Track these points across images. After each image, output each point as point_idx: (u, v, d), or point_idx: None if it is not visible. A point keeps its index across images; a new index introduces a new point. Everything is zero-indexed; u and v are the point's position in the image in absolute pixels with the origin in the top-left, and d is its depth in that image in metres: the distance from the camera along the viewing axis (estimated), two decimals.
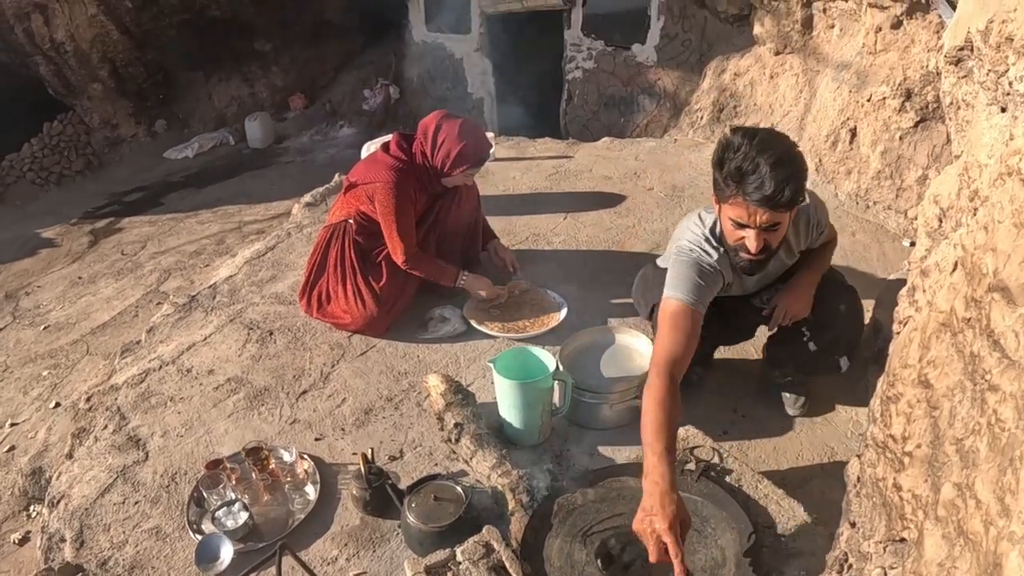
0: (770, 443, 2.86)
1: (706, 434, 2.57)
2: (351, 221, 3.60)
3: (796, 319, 2.70)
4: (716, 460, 2.36)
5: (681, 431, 2.53)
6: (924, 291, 1.53)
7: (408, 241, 3.49)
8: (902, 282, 2.04)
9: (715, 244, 2.51)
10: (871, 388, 2.30)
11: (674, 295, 2.38)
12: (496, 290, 3.67)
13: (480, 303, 3.68)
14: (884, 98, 4.36)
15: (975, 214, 1.44)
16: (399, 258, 3.51)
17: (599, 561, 2.07)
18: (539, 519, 2.23)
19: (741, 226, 2.29)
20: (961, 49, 2.25)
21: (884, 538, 1.43)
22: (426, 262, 3.58)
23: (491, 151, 3.73)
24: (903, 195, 4.32)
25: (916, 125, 4.24)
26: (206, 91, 12.18)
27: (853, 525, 1.60)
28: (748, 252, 2.33)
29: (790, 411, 2.97)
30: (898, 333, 1.68)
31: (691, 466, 2.32)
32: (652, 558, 1.85)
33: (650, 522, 1.86)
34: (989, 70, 2.00)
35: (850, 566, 1.59)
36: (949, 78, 2.36)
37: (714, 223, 2.51)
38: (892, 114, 4.33)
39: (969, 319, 1.28)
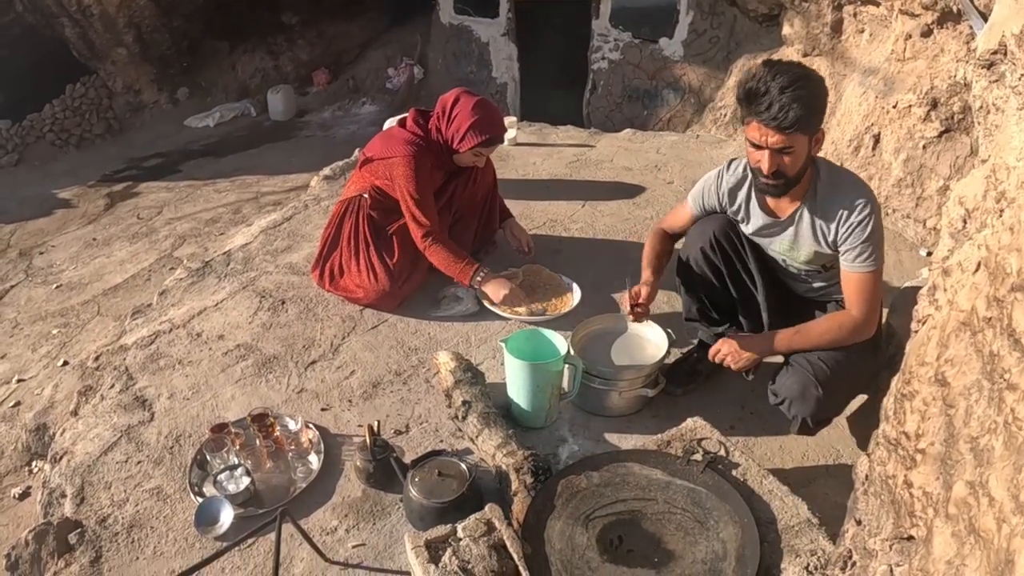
0: (776, 441, 2.85)
1: (713, 427, 2.56)
2: (366, 195, 3.59)
3: (725, 364, 2.69)
4: (722, 453, 2.35)
5: (689, 422, 2.53)
6: (945, 290, 1.52)
7: (430, 216, 3.44)
8: (916, 290, 2.03)
9: (742, 169, 2.73)
10: (881, 394, 2.29)
11: (688, 199, 2.96)
12: (513, 294, 3.47)
13: None
14: (910, 106, 4.31)
15: (1001, 215, 1.43)
16: (418, 235, 3.45)
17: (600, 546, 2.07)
18: (542, 501, 2.22)
19: (757, 147, 2.40)
20: (994, 53, 2.22)
21: (891, 536, 1.42)
22: (443, 249, 3.45)
23: (507, 135, 3.69)
24: (923, 204, 4.28)
25: (940, 135, 4.19)
26: (230, 61, 12.19)
27: (859, 523, 1.59)
28: (763, 174, 2.43)
29: None
30: (916, 332, 1.67)
31: (697, 456, 2.31)
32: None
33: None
34: (1022, 74, 1.98)
35: (854, 563, 1.58)
36: (980, 82, 2.33)
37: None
38: (917, 122, 4.28)
39: (990, 318, 1.27)
